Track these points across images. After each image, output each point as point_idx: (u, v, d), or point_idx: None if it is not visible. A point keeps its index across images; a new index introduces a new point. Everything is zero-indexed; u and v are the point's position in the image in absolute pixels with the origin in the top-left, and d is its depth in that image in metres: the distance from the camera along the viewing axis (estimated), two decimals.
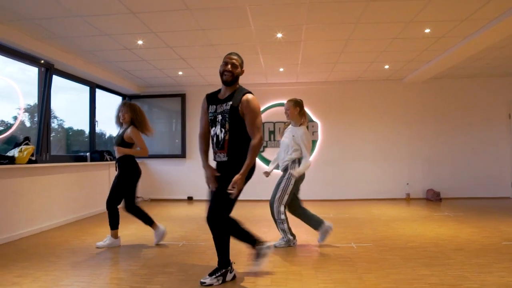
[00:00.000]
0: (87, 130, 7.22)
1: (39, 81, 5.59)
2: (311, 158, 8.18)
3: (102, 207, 6.80)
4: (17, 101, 5.18)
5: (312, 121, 8.15)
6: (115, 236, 4.29)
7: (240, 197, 3.03)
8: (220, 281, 3.00)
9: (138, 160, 4.53)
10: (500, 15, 4.37)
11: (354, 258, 3.65)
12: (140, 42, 5.23)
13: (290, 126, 4.30)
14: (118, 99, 8.42)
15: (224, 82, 2.99)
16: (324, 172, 8.03)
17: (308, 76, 7.62)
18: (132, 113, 4.31)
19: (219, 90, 3.11)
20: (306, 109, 8.15)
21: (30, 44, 4.95)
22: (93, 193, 6.54)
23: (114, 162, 6.91)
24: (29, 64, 5.34)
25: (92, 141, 7.15)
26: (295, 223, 4.37)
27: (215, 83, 8.11)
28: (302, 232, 4.82)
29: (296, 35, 5.07)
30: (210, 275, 3.01)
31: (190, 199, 8.39)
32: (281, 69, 6.98)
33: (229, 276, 3.06)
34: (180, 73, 7.10)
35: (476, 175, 7.94)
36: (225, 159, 2.99)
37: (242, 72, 3.06)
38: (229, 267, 3.07)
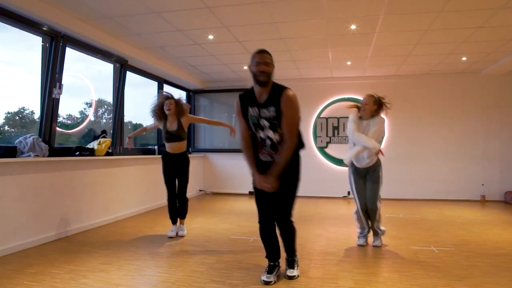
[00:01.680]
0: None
1: (114, 77, 5.84)
2: None
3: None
4: (86, 97, 5.48)
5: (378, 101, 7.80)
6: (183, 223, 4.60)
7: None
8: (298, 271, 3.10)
9: (199, 154, 4.66)
10: None
11: (438, 263, 3.42)
12: (210, 36, 5.27)
13: (364, 121, 4.02)
14: (183, 94, 8.62)
15: (260, 83, 2.78)
16: (391, 170, 7.63)
17: (375, 70, 7.32)
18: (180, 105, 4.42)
19: (252, 90, 2.89)
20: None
21: (108, 41, 5.17)
22: (162, 185, 6.72)
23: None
24: (105, 61, 5.58)
25: (159, 135, 7.38)
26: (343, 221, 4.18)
27: (278, 77, 7.95)
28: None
29: (371, 27, 4.85)
30: (291, 267, 3.02)
31: (251, 193, 8.42)
32: (349, 63, 6.75)
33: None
34: (245, 67, 7.10)
35: None
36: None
37: (273, 68, 2.84)
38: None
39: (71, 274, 3.07)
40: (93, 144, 5.08)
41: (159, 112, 4.38)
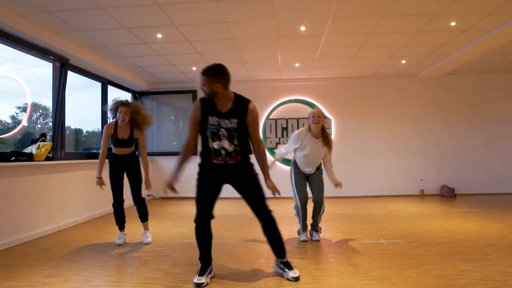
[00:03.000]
0: (93, 127, 7.11)
1: (53, 77, 5.47)
2: None
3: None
4: (18, 101, 5.09)
5: (325, 117, 8.06)
6: (147, 228, 4.41)
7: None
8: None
9: (148, 158, 4.51)
10: None
11: (388, 255, 3.58)
12: (159, 35, 5.11)
13: (312, 137, 4.12)
14: (128, 96, 8.29)
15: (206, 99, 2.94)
16: (337, 169, 7.90)
17: (322, 72, 7.53)
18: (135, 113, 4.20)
19: (211, 99, 2.91)
20: (319, 105, 8.10)
21: (47, 38, 4.82)
22: (107, 191, 6.40)
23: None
24: (43, 59, 5.21)
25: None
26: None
27: None
28: (325, 229, 4.79)
29: (320, 29, 4.98)
30: (290, 268, 3.00)
31: None
32: (297, 64, 6.88)
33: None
34: (194, 68, 6.98)
35: (491, 171, 7.89)
36: (239, 158, 3.00)
37: (216, 87, 2.82)
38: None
39: None
40: (31, 149, 4.70)
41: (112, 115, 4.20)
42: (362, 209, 6.30)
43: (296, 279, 2.92)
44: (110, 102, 4.25)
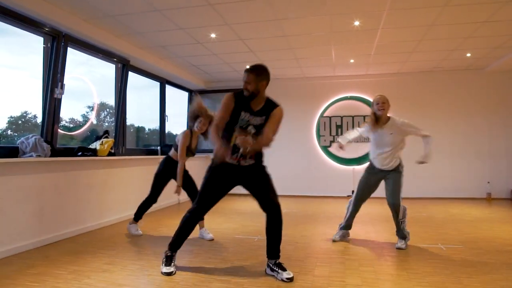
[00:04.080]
0: (154, 125, 7.43)
1: (116, 77, 5.81)
2: None
3: (173, 199, 6.98)
4: (89, 100, 5.45)
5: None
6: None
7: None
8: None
9: (203, 155, 4.57)
10: None
11: (446, 261, 3.36)
12: (213, 35, 5.23)
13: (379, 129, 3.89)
14: (185, 95, 8.59)
15: (244, 97, 3.00)
16: None
17: (378, 68, 7.26)
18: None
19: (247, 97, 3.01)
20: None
21: (110, 41, 5.15)
22: (170, 187, 6.69)
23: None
24: (107, 61, 5.56)
25: (162, 135, 7.34)
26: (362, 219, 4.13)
27: (281, 77, 8.00)
28: (379, 231, 4.62)
29: (375, 23, 4.80)
30: (283, 269, 2.96)
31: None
32: (352, 61, 6.70)
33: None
34: (248, 66, 7.04)
35: None
36: (252, 161, 3.07)
37: (261, 85, 2.96)
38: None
39: (74, 275, 3.03)
40: (96, 145, 5.04)
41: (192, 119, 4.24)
42: (421, 211, 5.99)
43: (291, 279, 2.86)
44: (192, 106, 4.24)
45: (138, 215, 4.50)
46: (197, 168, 8.07)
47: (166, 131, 8.01)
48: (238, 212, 6.11)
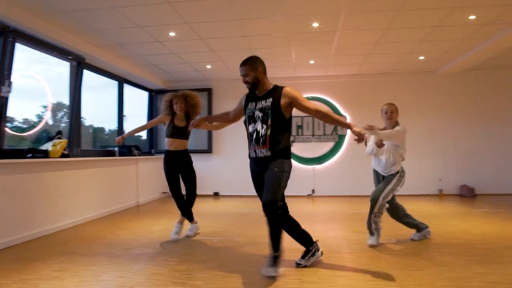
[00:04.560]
0: (112, 126, 7.21)
1: (70, 76, 5.58)
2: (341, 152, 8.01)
3: (132, 201, 6.81)
4: (44, 100, 5.20)
5: (341, 115, 7.95)
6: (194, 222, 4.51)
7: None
8: (310, 261, 3.22)
9: (162, 156, 4.53)
10: None
11: (399, 255, 3.48)
12: (172, 34, 5.14)
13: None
14: (144, 94, 8.40)
15: (250, 90, 3.18)
16: (353, 167, 7.82)
17: (338, 69, 7.42)
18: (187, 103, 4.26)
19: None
20: (335, 103, 8.01)
21: (64, 38, 4.94)
22: (123, 188, 6.53)
23: (138, 156, 6.93)
24: (60, 58, 5.33)
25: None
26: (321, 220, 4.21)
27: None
28: (337, 228, 4.71)
29: (333, 24, 4.90)
30: (271, 265, 2.95)
31: (216, 194, 8.32)
32: (312, 62, 6.81)
33: (318, 255, 3.29)
34: (208, 66, 7.01)
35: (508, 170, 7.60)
36: (269, 154, 3.01)
37: (258, 72, 3.09)
38: (316, 246, 3.28)
39: (21, 284, 2.86)
40: (47, 146, 4.81)
41: (169, 106, 4.28)
42: None
43: (270, 277, 2.89)
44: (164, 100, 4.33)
45: (189, 215, 4.44)
46: (154, 167, 7.93)
47: (125, 132, 7.79)
48: (199, 214, 6.03)
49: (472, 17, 4.65)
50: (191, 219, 4.47)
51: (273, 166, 2.97)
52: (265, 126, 3.00)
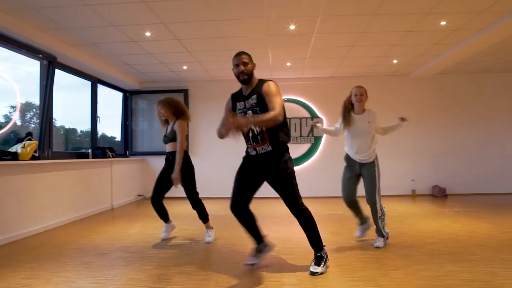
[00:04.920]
0: (86, 127, 7.02)
1: (41, 75, 5.40)
2: (317, 154, 8.09)
3: (106, 204, 6.65)
4: (10, 99, 5.00)
5: (316, 116, 8.04)
6: (209, 227, 4.32)
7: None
8: (325, 268, 3.12)
9: (136, 158, 4.43)
10: None
11: (375, 255, 3.54)
12: (148, 33, 5.06)
13: (354, 114, 4.05)
14: (119, 95, 8.23)
15: (243, 82, 3.08)
16: (329, 169, 7.91)
17: (314, 71, 7.50)
18: (170, 107, 4.16)
19: (241, 89, 3.18)
20: (311, 105, 8.09)
21: (35, 36, 4.77)
22: (97, 191, 6.37)
23: (112, 158, 6.78)
24: (30, 57, 5.15)
25: (94, 138, 6.96)
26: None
27: (219, 78, 7.96)
28: None
29: (310, 27, 4.95)
30: (317, 264, 3.06)
31: None
32: (288, 64, 6.85)
33: (327, 261, 3.20)
34: (185, 67, 6.94)
35: (482, 171, 7.90)
36: (270, 148, 3.03)
37: (254, 66, 3.13)
38: (325, 251, 3.21)
39: None
40: (16, 148, 4.63)
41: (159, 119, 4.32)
42: None
43: (312, 273, 3.00)
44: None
45: (205, 218, 4.32)
46: (129, 170, 7.78)
47: (100, 133, 7.63)
48: (178, 216, 5.95)
49: (443, 22, 4.80)
50: (205, 221, 4.37)
51: (279, 172, 3.03)
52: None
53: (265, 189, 3.82)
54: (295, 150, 8.08)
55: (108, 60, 6.39)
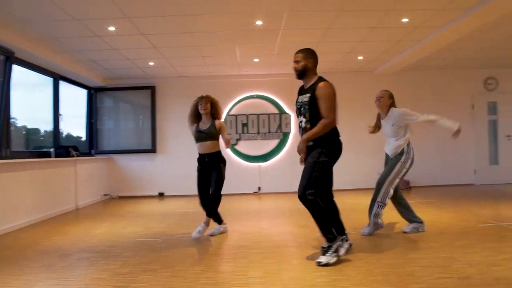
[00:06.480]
0: (50, 127, 6.77)
1: None
2: (285, 150, 8.15)
3: (70, 205, 6.44)
4: None
5: (285, 113, 8.11)
6: (207, 223, 4.21)
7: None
8: (336, 258, 3.06)
9: (103, 156, 4.32)
10: (475, 5, 4.46)
11: None
12: (112, 28, 4.92)
13: (382, 120, 4.29)
14: (83, 92, 7.98)
15: (297, 77, 3.39)
16: (297, 164, 7.94)
17: (282, 68, 7.54)
18: (215, 106, 4.32)
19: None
20: (279, 101, 8.14)
21: None
22: (60, 191, 6.16)
23: (76, 157, 6.59)
24: None
25: (56, 137, 6.71)
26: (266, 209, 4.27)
27: (187, 75, 7.88)
28: (283, 224, 4.79)
29: (276, 23, 4.97)
30: (323, 254, 3.07)
31: (161, 195, 8.12)
32: (256, 60, 6.86)
33: (342, 251, 3.12)
34: (151, 63, 6.81)
35: (443, 163, 8.21)
36: (311, 143, 3.25)
37: (308, 62, 3.31)
38: (339, 241, 3.13)
39: None
40: None
41: (193, 114, 4.32)
42: None
43: (319, 263, 3.02)
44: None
45: (217, 217, 4.29)
46: (95, 169, 7.57)
47: (65, 133, 7.39)
48: (145, 214, 5.87)
49: (405, 19, 4.94)
50: (219, 220, 4.32)
51: (309, 157, 3.25)
52: (305, 121, 3.25)
53: (236, 186, 3.89)
54: (264, 146, 8.13)
55: (70, 55, 6.17)
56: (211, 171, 4.17)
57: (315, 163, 3.20)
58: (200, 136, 4.18)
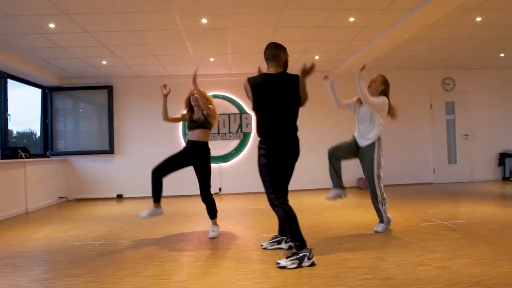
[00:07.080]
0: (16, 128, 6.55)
1: None
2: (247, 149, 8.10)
3: (19, 208, 6.22)
4: None
5: (245, 113, 8.06)
6: (216, 224, 4.24)
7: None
8: (295, 265, 2.96)
9: (58, 158, 4.17)
10: (417, 5, 4.51)
11: (276, 250, 3.56)
12: (51, 25, 4.76)
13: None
14: (37, 92, 7.73)
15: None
16: (255, 165, 7.92)
17: (240, 67, 7.49)
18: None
19: None
20: (239, 101, 8.08)
21: None
22: (7, 194, 5.92)
23: (25, 158, 6.36)
24: None
25: (3, 138, 6.47)
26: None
27: (145, 74, 7.74)
28: (230, 224, 4.73)
29: (222, 22, 4.90)
30: (287, 257, 3.02)
31: (119, 197, 7.94)
32: (212, 59, 6.77)
33: (306, 262, 2.99)
34: (104, 62, 6.64)
35: (402, 163, 8.32)
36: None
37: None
38: (307, 252, 3.02)
39: None
40: None
41: (186, 106, 4.53)
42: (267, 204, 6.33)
43: (280, 267, 2.97)
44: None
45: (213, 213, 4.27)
46: (49, 170, 7.32)
47: (15, 133, 7.14)
48: (96, 217, 5.70)
49: (352, 19, 4.96)
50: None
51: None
52: None
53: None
54: (224, 146, 8.06)
55: (17, 54, 5.95)
56: (194, 163, 4.24)
57: (259, 168, 3.56)
58: (192, 125, 4.31)
